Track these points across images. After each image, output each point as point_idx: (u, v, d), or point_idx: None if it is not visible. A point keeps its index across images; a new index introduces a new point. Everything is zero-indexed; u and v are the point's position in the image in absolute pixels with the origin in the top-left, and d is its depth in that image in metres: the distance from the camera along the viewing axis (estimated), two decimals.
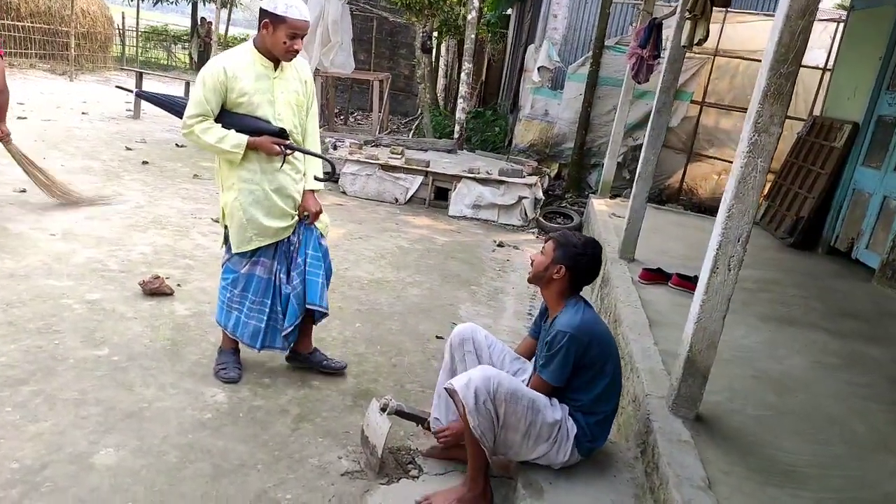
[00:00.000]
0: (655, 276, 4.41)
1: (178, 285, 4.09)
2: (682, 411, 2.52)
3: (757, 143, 2.26)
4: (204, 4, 23.13)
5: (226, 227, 3.01)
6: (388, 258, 5.40)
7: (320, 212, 3.05)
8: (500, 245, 6.49)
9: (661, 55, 6.82)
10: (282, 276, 3.01)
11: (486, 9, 13.29)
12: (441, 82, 17.56)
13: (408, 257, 5.55)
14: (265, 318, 3.01)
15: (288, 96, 2.88)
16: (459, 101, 9.26)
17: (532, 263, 2.52)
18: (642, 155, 4.68)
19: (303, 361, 3.27)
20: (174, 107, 3.06)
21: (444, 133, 11.86)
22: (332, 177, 3.04)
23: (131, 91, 3.83)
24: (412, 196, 7.60)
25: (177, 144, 8.97)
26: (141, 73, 11.02)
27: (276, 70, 2.83)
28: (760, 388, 2.96)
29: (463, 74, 9.19)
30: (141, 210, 5.62)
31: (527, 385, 2.47)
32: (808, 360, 3.42)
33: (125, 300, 3.78)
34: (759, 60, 8.29)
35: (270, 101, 2.82)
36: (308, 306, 3.04)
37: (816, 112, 7.86)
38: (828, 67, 8.06)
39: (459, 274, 5.33)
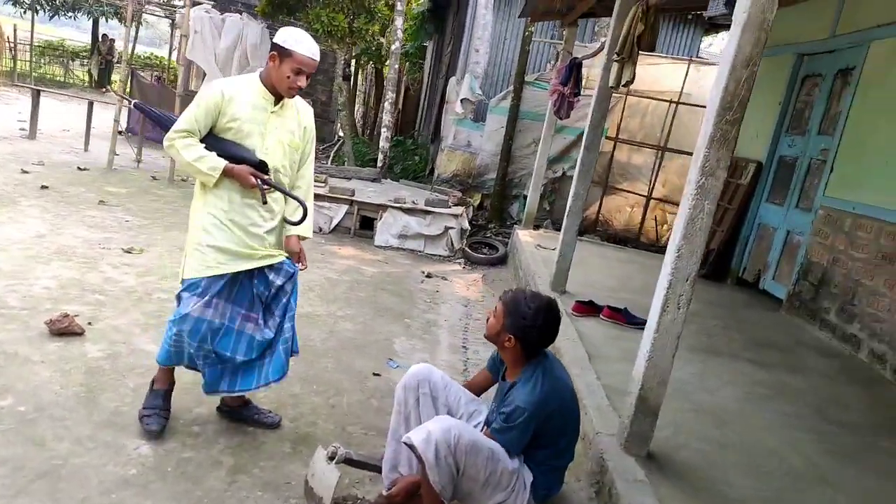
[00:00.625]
0: (587, 309, 4.49)
1: (89, 324, 3.75)
2: (634, 449, 2.53)
3: (704, 185, 2.34)
4: (106, 21, 22.03)
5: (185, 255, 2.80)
6: (316, 291, 5.22)
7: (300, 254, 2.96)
8: (429, 276, 6.44)
9: (581, 93, 7.10)
10: (261, 321, 2.81)
11: (405, 40, 13.42)
12: (359, 110, 17.51)
13: (337, 289, 5.38)
14: (220, 365, 2.79)
15: (281, 135, 2.76)
16: (383, 129, 9.22)
17: (487, 322, 2.44)
18: (572, 190, 4.78)
19: (234, 415, 3.04)
20: (168, 122, 2.88)
21: (364, 161, 11.78)
22: (301, 222, 2.88)
23: (128, 100, 3.52)
24: (336, 225, 7.43)
25: (78, 167, 8.39)
26: (38, 91, 10.26)
27: (275, 105, 2.73)
28: (700, 422, 3.04)
29: (386, 104, 9.17)
30: (42, 240, 5.16)
31: (482, 430, 2.41)
32: (738, 391, 3.56)
33: (29, 341, 3.42)
34: (667, 101, 8.81)
35: (261, 133, 2.71)
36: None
37: None
38: None
39: (391, 307, 5.22)
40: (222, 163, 2.65)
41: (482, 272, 7.09)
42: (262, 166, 2.71)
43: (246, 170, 2.66)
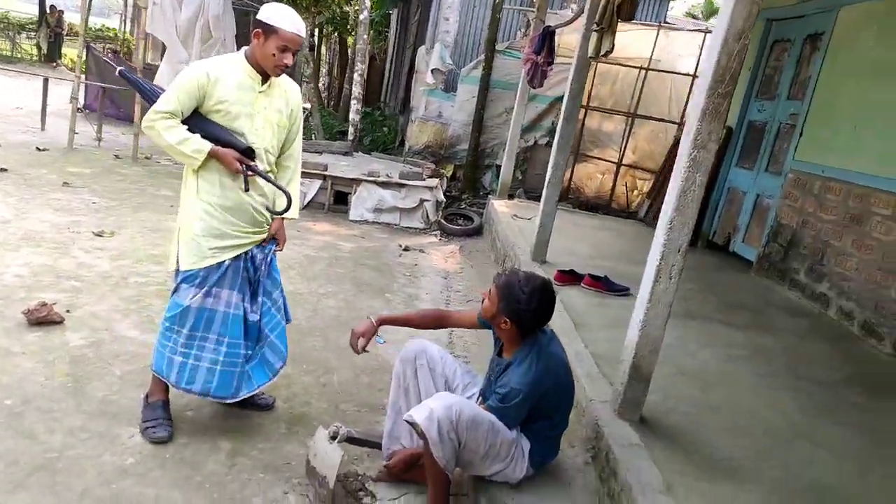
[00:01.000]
0: (569, 278, 4.55)
1: (68, 311, 3.66)
2: (627, 414, 2.61)
3: (696, 158, 2.38)
4: None
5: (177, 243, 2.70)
6: (296, 269, 5.17)
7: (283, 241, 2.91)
8: (406, 249, 6.43)
9: (555, 61, 7.08)
10: (246, 305, 2.75)
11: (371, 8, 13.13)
12: (323, 81, 17.16)
13: (316, 266, 5.35)
14: (238, 360, 2.73)
15: (270, 114, 2.68)
16: (353, 102, 9.07)
17: (483, 303, 2.45)
18: (552, 160, 4.81)
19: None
20: (153, 96, 2.74)
21: (331, 134, 11.60)
22: (286, 211, 2.81)
23: (114, 66, 3.36)
24: (310, 201, 7.34)
25: (37, 148, 8.09)
26: None
27: (263, 84, 2.64)
28: (685, 385, 3.14)
29: (356, 75, 9.01)
30: (8, 225, 4.99)
31: (477, 401, 2.45)
32: (717, 353, 3.67)
33: (7, 332, 3.33)
34: (636, 67, 8.84)
35: (249, 114, 2.62)
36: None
37: None
38: (697, 75, 8.74)
39: (371, 282, 5.22)
40: (207, 145, 2.56)
41: (459, 244, 7.11)
42: (249, 153, 2.64)
43: (232, 153, 2.58)
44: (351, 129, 9.12)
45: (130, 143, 8.93)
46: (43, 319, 3.44)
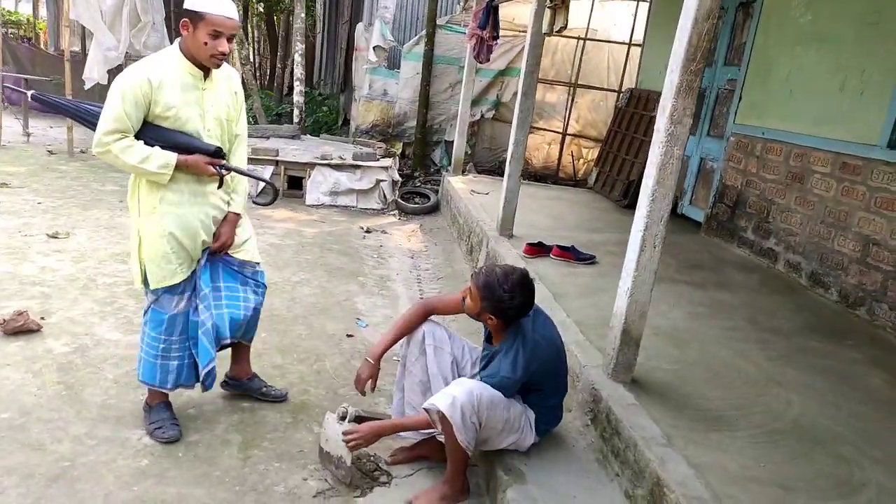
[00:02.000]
0: (537, 250, 4.72)
1: (42, 318, 3.57)
2: (620, 377, 2.79)
3: (673, 133, 2.53)
4: None
5: (141, 263, 2.61)
6: (264, 258, 5.03)
7: (229, 244, 2.75)
8: (368, 231, 6.47)
9: (499, 36, 7.17)
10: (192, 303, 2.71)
11: None
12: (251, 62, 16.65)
13: (284, 255, 5.33)
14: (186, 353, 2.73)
15: (218, 110, 2.57)
16: (296, 83, 8.92)
17: (465, 302, 2.50)
18: (512, 136, 4.92)
19: (239, 388, 3.04)
20: (83, 115, 2.57)
21: (270, 117, 11.35)
22: (274, 200, 2.78)
23: (23, 92, 3.12)
24: (264, 188, 7.23)
25: None
26: None
27: (205, 80, 2.51)
28: (662, 344, 3.35)
29: (296, 55, 8.84)
30: None
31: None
32: (684, 312, 3.92)
33: None
34: (574, 38, 9.01)
35: (200, 114, 2.50)
36: (222, 341, 2.80)
37: (627, 84, 8.78)
38: (633, 43, 9.02)
39: (342, 266, 5.25)
40: (173, 157, 2.42)
41: (418, 222, 7.19)
42: (219, 153, 2.54)
43: (201, 159, 2.48)
44: (296, 112, 8.97)
45: (62, 136, 8.54)
46: (20, 329, 3.35)
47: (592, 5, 9.20)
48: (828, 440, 2.55)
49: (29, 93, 2.90)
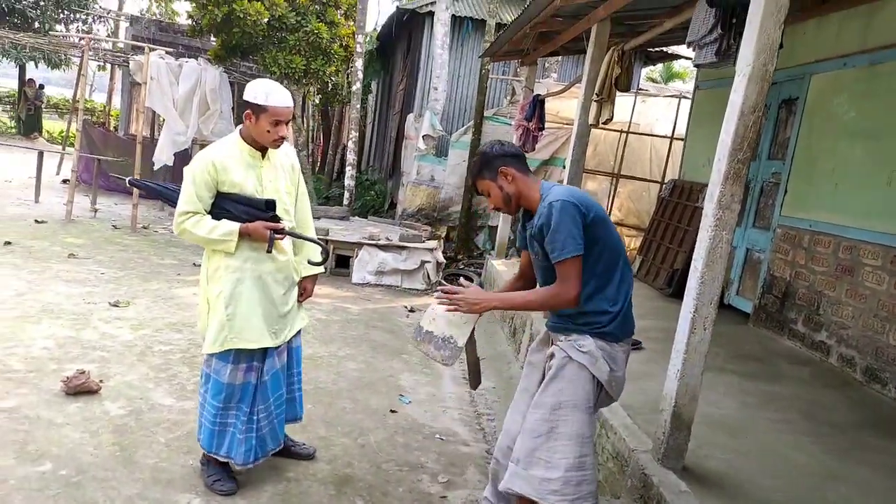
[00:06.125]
0: None
1: (101, 381, 3.70)
2: (671, 463, 2.73)
3: (721, 218, 2.61)
4: (36, 66, 21.29)
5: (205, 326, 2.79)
6: (311, 332, 5.26)
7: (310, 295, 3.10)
8: (412, 310, 6.56)
9: (544, 127, 7.47)
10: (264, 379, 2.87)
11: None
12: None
13: (330, 330, 5.44)
14: (254, 427, 2.83)
15: (277, 184, 2.83)
16: (347, 168, 9.36)
17: (493, 207, 2.45)
18: None
19: None
20: (170, 195, 2.88)
21: (322, 199, 11.82)
22: (324, 263, 2.99)
23: (122, 179, 3.46)
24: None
25: (35, 220, 8.12)
26: None
27: (263, 159, 2.79)
28: (714, 433, 3.28)
29: (350, 143, 9.32)
30: (24, 298, 5.01)
31: (553, 291, 2.26)
32: (736, 402, 3.83)
33: (47, 404, 3.36)
34: (617, 131, 9.31)
35: (258, 190, 2.77)
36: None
37: (670, 176, 8.94)
38: (675, 137, 9.24)
39: (385, 343, 5.32)
40: (236, 226, 2.67)
41: None
42: (270, 205, 2.75)
43: (261, 225, 2.69)
44: (346, 195, 9.34)
45: (126, 213, 9.03)
46: (81, 388, 3.48)
47: (635, 100, 9.52)
48: None
49: (127, 179, 3.19)
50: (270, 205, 2.76)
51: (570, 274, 2.20)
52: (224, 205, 2.70)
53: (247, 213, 2.69)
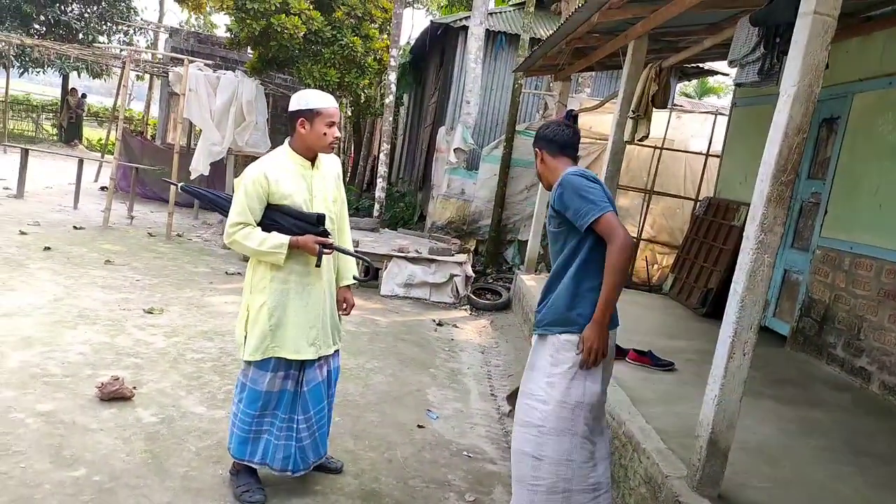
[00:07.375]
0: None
1: (134, 388, 3.75)
2: (706, 490, 2.65)
3: (763, 241, 2.54)
4: (78, 75, 21.95)
5: (245, 335, 2.82)
6: (340, 343, 5.26)
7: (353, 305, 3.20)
8: (440, 324, 6.54)
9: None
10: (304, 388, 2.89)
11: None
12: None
13: (359, 342, 5.45)
14: (294, 435, 2.85)
15: (325, 192, 2.89)
16: (378, 180, 9.42)
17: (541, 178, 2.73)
18: None
19: None
20: (222, 204, 2.94)
21: (350, 211, 11.91)
22: (369, 277, 3.04)
23: (174, 184, 3.55)
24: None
25: (74, 227, 8.32)
26: (27, 150, 10.17)
27: (312, 168, 2.85)
28: (751, 460, 3.18)
29: (382, 155, 9.39)
30: (61, 303, 5.12)
31: (612, 258, 2.37)
32: (774, 428, 3.72)
33: (82, 409, 3.41)
34: (651, 147, 9.21)
35: (307, 200, 2.82)
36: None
37: (704, 193, 8.80)
38: (710, 153, 9.11)
39: (414, 357, 5.30)
40: (286, 239, 2.70)
41: (489, 318, 7.22)
42: (321, 220, 2.80)
43: (310, 238, 2.73)
44: (377, 206, 9.39)
45: (161, 220, 9.21)
46: (115, 394, 3.53)
47: (669, 117, 9.42)
48: None
49: (179, 184, 3.26)
50: (321, 219, 2.80)
51: (608, 229, 2.34)
52: (274, 217, 2.75)
53: (297, 226, 2.74)
